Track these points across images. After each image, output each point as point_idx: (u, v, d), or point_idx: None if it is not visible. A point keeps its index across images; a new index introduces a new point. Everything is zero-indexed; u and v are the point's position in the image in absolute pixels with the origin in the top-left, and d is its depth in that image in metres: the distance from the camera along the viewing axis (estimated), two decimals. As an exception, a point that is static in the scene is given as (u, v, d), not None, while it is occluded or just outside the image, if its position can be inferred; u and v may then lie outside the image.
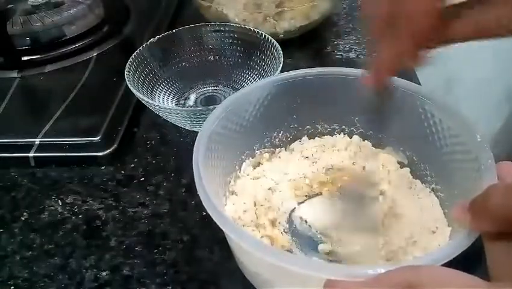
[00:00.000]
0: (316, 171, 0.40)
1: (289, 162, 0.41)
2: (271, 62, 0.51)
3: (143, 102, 0.46)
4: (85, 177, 0.45)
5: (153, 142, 0.49)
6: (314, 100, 0.40)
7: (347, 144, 0.42)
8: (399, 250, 0.34)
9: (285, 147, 0.42)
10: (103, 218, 0.41)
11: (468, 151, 0.32)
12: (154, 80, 0.53)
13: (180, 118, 0.45)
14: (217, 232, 0.31)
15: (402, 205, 0.38)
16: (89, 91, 0.53)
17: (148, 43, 0.52)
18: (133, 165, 0.46)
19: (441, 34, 0.25)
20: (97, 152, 0.46)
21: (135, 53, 0.51)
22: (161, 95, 0.53)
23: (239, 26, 0.55)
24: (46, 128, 0.47)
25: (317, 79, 0.39)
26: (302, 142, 0.42)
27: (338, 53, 0.60)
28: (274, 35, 0.53)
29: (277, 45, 0.51)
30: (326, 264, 0.30)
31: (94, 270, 0.36)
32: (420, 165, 0.38)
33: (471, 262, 0.24)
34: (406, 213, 0.37)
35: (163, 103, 0.52)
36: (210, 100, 0.54)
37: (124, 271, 0.36)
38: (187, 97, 0.55)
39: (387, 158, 0.40)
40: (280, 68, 0.47)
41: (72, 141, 0.46)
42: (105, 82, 0.54)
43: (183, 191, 0.43)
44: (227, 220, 0.27)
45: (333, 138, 0.42)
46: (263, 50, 0.53)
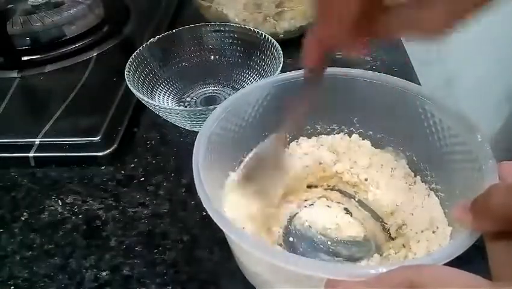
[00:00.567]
0: (310, 170, 0.40)
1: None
2: (271, 62, 0.51)
3: (143, 102, 0.46)
4: (85, 177, 0.45)
5: (153, 142, 0.49)
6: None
7: (347, 143, 0.42)
8: (399, 250, 0.34)
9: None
10: (103, 218, 0.41)
11: (469, 151, 0.32)
12: (154, 80, 0.53)
13: (180, 118, 0.45)
14: (217, 232, 0.31)
15: (401, 205, 0.38)
16: (89, 91, 0.53)
17: (148, 43, 0.52)
18: (133, 165, 0.46)
19: (372, 24, 0.24)
20: (97, 152, 0.46)
21: (135, 53, 0.51)
22: (161, 95, 0.53)
23: (239, 26, 0.55)
24: (46, 128, 0.47)
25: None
26: (298, 143, 0.42)
27: (338, 53, 0.60)
28: (274, 35, 0.53)
29: (277, 45, 0.51)
30: (326, 264, 0.30)
31: (94, 270, 0.36)
32: (420, 165, 0.38)
33: (473, 261, 0.24)
34: (406, 213, 0.37)
35: (163, 103, 0.52)
36: (210, 100, 0.54)
37: (124, 271, 0.36)
38: (187, 97, 0.55)
39: (386, 158, 0.40)
40: (280, 68, 0.47)
41: (72, 141, 0.46)
42: (105, 82, 0.54)
43: (183, 191, 0.43)
44: (227, 221, 0.27)
45: (331, 137, 0.42)
46: (263, 50, 0.53)
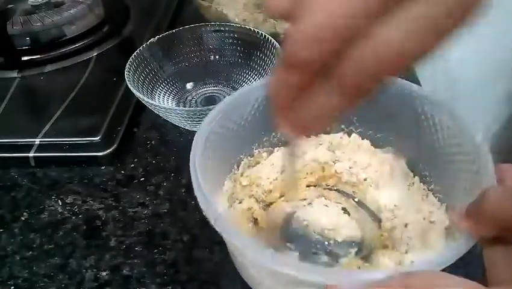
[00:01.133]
0: (308, 170, 0.40)
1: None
2: (271, 62, 0.51)
3: (143, 102, 0.46)
4: (85, 177, 0.45)
5: (153, 142, 0.49)
6: None
7: (346, 143, 0.42)
8: (397, 251, 0.34)
9: (284, 146, 0.42)
10: (103, 218, 0.41)
11: (467, 152, 0.31)
12: (154, 80, 0.53)
13: (180, 118, 0.45)
14: (217, 232, 0.31)
15: (399, 205, 0.38)
16: (89, 91, 0.53)
17: (148, 43, 0.52)
18: (133, 165, 0.46)
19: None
20: (97, 152, 0.46)
21: (135, 53, 0.51)
22: (161, 95, 0.54)
23: (239, 26, 0.55)
24: (46, 128, 0.47)
25: None
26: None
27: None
28: (274, 35, 0.53)
29: (278, 45, 0.51)
30: (323, 269, 0.30)
31: (94, 270, 0.36)
32: (419, 166, 0.38)
33: (470, 266, 0.24)
34: (404, 213, 0.37)
35: (163, 103, 0.52)
36: (210, 100, 0.54)
37: (124, 271, 0.36)
38: (187, 97, 0.55)
39: (386, 158, 0.40)
40: (280, 68, 0.47)
41: (72, 141, 0.46)
42: (105, 82, 0.54)
43: (183, 191, 0.43)
44: (226, 224, 0.27)
45: (330, 136, 0.42)
46: (263, 50, 0.53)
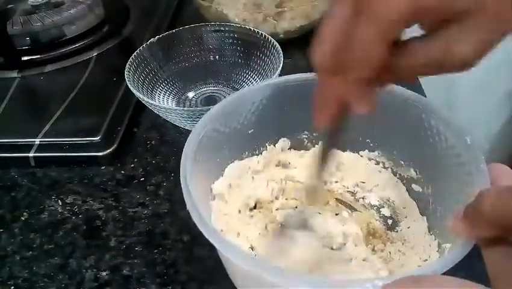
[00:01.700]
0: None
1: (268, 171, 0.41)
2: (271, 62, 0.51)
3: (143, 102, 0.46)
4: (85, 177, 0.45)
5: (153, 142, 0.49)
6: (309, 105, 0.39)
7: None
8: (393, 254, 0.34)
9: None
10: (103, 218, 0.41)
11: (459, 154, 0.31)
12: (154, 80, 0.53)
13: (180, 118, 0.45)
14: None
15: (395, 209, 0.38)
16: (89, 91, 0.53)
17: (148, 43, 0.52)
18: (133, 165, 0.46)
19: (389, 76, 0.23)
20: (97, 152, 0.46)
21: (135, 53, 0.51)
22: (161, 95, 0.53)
23: (239, 26, 0.55)
24: (46, 128, 0.47)
25: (312, 85, 0.37)
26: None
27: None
28: (274, 35, 0.54)
29: (277, 45, 0.51)
30: (315, 278, 0.30)
31: (94, 270, 0.36)
32: (410, 169, 0.38)
33: (470, 269, 0.24)
34: (400, 218, 0.37)
35: (163, 103, 0.52)
36: (210, 100, 0.54)
37: (124, 271, 0.36)
38: (186, 97, 0.55)
39: (378, 162, 0.40)
40: (280, 68, 0.47)
41: (72, 141, 0.46)
42: (105, 82, 0.54)
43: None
44: (214, 231, 0.26)
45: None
46: (263, 50, 0.53)
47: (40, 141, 0.46)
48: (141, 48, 0.52)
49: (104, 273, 0.36)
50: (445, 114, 0.33)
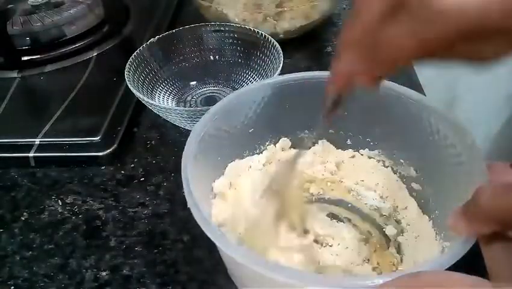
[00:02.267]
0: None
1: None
2: (271, 62, 0.51)
3: (143, 102, 0.46)
4: (85, 177, 0.45)
5: (153, 143, 0.49)
6: (309, 104, 0.38)
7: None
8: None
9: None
10: (103, 218, 0.41)
11: (459, 154, 0.31)
12: (154, 80, 0.53)
13: (180, 118, 0.45)
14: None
15: (394, 209, 0.38)
16: (89, 91, 0.53)
17: (148, 43, 0.52)
18: (133, 165, 0.46)
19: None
20: (97, 152, 0.46)
21: (135, 53, 0.51)
22: (161, 95, 0.53)
23: (239, 26, 0.55)
24: (46, 128, 0.47)
25: (313, 83, 0.38)
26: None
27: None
28: (274, 35, 0.54)
29: (277, 45, 0.51)
30: (317, 275, 0.30)
31: (94, 270, 0.36)
32: (409, 168, 0.38)
33: (470, 265, 0.24)
34: (400, 217, 0.37)
35: (163, 103, 0.52)
36: (210, 100, 0.54)
37: (124, 271, 0.36)
38: (187, 97, 0.55)
39: (376, 161, 0.40)
40: (280, 68, 0.47)
41: (72, 141, 0.46)
42: (105, 82, 0.54)
43: (183, 191, 0.42)
44: (216, 232, 0.26)
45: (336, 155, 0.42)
46: (263, 50, 0.53)
47: (40, 141, 0.46)
48: (141, 48, 0.52)
49: (104, 273, 0.36)
50: (445, 112, 0.33)
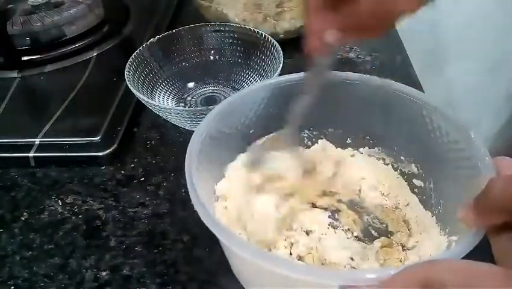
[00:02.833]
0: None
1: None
2: (271, 62, 0.51)
3: (143, 102, 0.46)
4: (85, 177, 0.45)
5: (153, 143, 0.49)
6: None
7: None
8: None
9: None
10: (103, 218, 0.41)
11: (462, 149, 0.31)
12: (154, 80, 0.53)
13: (180, 118, 0.45)
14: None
15: (397, 205, 0.38)
16: (89, 91, 0.53)
17: (148, 43, 0.52)
18: (133, 165, 0.46)
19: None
20: (97, 152, 0.46)
21: (135, 53, 0.51)
22: (161, 95, 0.53)
23: (239, 26, 0.55)
24: (46, 128, 0.47)
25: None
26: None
27: (338, 54, 0.60)
28: (275, 35, 0.53)
29: (277, 45, 0.51)
30: (321, 269, 0.30)
31: (94, 270, 0.36)
32: (410, 164, 0.38)
33: (478, 258, 0.24)
34: (405, 213, 0.37)
35: (163, 103, 0.52)
36: (210, 100, 0.54)
37: (124, 271, 0.36)
38: (187, 97, 0.55)
39: (381, 158, 0.40)
40: (280, 68, 0.47)
41: (72, 141, 0.46)
42: (105, 82, 0.54)
43: (183, 191, 0.43)
44: (223, 228, 0.27)
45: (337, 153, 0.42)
46: (263, 50, 0.53)
47: (40, 141, 0.46)
48: (141, 48, 0.52)
49: (104, 273, 0.36)
50: (446, 110, 0.34)
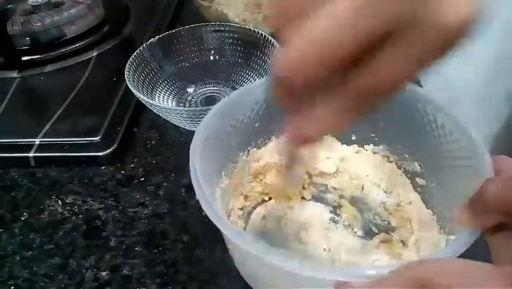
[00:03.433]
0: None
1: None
2: (271, 62, 0.51)
3: (143, 102, 0.46)
4: (85, 177, 0.45)
5: (153, 143, 0.49)
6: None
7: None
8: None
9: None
10: (103, 218, 0.41)
11: (463, 148, 0.31)
12: (154, 80, 0.53)
13: (180, 118, 0.45)
14: (217, 232, 0.31)
15: (397, 203, 0.38)
16: (89, 91, 0.53)
17: (148, 43, 0.52)
18: (133, 165, 0.46)
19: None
20: (97, 152, 0.46)
21: (135, 53, 0.51)
22: (161, 95, 0.53)
23: (239, 26, 0.55)
24: (46, 128, 0.47)
25: None
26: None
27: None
28: (274, 35, 0.53)
29: (277, 45, 0.51)
30: (324, 266, 0.30)
31: (94, 270, 0.36)
32: (414, 164, 0.38)
33: (474, 258, 0.24)
34: (404, 212, 0.37)
35: (163, 103, 0.52)
36: (210, 100, 0.54)
37: (124, 271, 0.36)
38: (187, 97, 0.55)
39: (381, 156, 0.40)
40: (280, 68, 0.47)
41: (72, 141, 0.46)
42: (105, 82, 0.54)
43: (183, 191, 0.43)
44: (228, 225, 0.27)
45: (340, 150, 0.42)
46: (263, 50, 0.53)
47: (40, 141, 0.46)
48: (141, 48, 0.51)
49: (104, 273, 0.36)
50: (448, 109, 0.34)
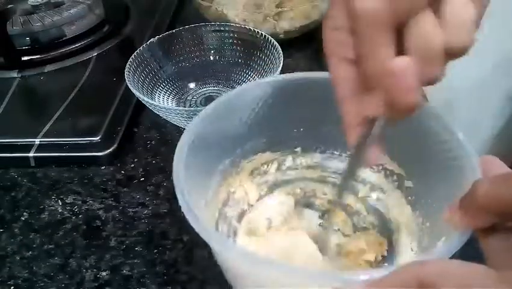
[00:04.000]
0: None
1: None
2: (271, 62, 0.51)
3: (143, 102, 0.46)
4: (85, 177, 0.45)
5: (153, 143, 0.49)
6: (308, 105, 0.38)
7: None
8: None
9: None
10: (103, 218, 0.41)
11: (450, 149, 0.31)
12: (154, 80, 0.53)
13: (180, 118, 0.45)
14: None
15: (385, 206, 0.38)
16: (89, 91, 0.53)
17: (148, 43, 0.52)
18: (133, 165, 0.46)
19: None
20: (97, 152, 0.46)
21: (135, 53, 0.51)
22: (161, 95, 0.53)
23: (239, 26, 0.55)
24: (46, 128, 0.47)
25: (311, 83, 0.37)
26: None
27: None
28: (275, 35, 0.53)
29: (277, 45, 0.51)
30: (314, 271, 0.29)
31: (94, 270, 0.36)
32: (400, 165, 0.38)
33: (468, 258, 0.24)
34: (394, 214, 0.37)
35: (163, 103, 0.52)
36: (210, 100, 0.54)
37: (124, 271, 0.36)
38: (187, 97, 0.55)
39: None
40: (280, 68, 0.47)
41: (72, 141, 0.46)
42: (105, 82, 0.54)
43: (183, 191, 0.43)
44: (213, 234, 0.27)
45: None
46: (263, 50, 0.53)
47: (40, 141, 0.46)
48: (141, 48, 0.51)
49: (104, 273, 0.36)
50: (435, 110, 0.33)
